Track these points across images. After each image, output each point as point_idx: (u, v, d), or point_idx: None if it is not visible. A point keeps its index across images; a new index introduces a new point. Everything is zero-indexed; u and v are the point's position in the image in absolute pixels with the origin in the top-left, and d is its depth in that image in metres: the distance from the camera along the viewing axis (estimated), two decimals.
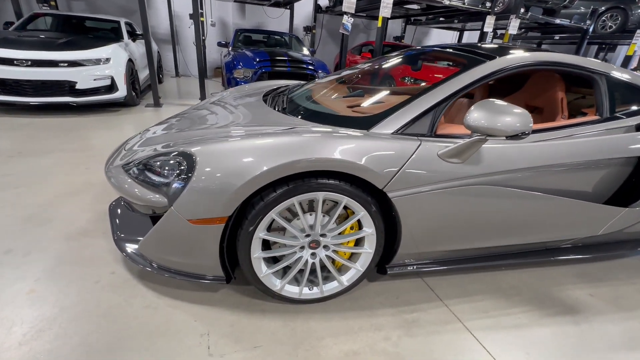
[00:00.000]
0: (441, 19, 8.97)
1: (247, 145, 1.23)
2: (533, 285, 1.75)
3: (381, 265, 1.55)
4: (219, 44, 6.22)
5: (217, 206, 1.20)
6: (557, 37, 8.70)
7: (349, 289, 1.50)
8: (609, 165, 1.62)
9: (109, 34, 5.34)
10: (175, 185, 1.24)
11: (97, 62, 4.24)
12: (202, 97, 5.29)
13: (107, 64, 4.29)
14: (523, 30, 9.42)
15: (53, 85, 4.00)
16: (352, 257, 1.49)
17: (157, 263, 1.41)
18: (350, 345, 1.30)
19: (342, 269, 1.49)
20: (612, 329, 1.50)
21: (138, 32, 5.74)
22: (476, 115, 1.22)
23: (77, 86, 4.09)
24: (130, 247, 1.49)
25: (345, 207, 1.36)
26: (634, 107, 1.73)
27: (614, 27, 7.70)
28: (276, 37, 6.62)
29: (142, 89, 5.53)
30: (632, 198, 1.67)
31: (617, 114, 1.69)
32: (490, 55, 1.62)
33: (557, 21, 7.14)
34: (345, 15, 5.36)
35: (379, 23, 5.60)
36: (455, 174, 1.35)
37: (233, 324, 1.35)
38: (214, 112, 1.92)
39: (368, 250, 1.42)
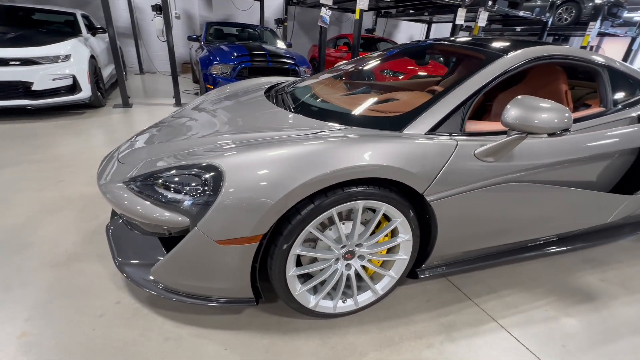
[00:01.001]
0: (411, 11, 9.08)
1: (279, 155, 1.11)
2: (549, 275, 1.79)
3: (411, 270, 1.50)
4: (190, 38, 5.85)
5: (249, 224, 1.07)
6: (518, 29, 9.13)
7: (383, 298, 1.44)
8: (614, 156, 1.68)
9: (64, 27, 4.81)
10: (199, 202, 1.10)
11: (54, 59, 3.79)
12: (176, 95, 4.95)
13: (67, 62, 3.85)
14: (487, 22, 9.80)
15: (4, 86, 3.53)
16: (385, 264, 1.42)
17: (174, 289, 1.25)
18: (395, 357, 1.24)
19: (374, 278, 1.42)
20: (630, 312, 1.57)
21: (98, 26, 5.23)
22: (514, 112, 1.18)
23: (34, 87, 3.64)
24: (138, 272, 1.32)
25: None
26: (634, 98, 1.80)
27: (569, 19, 8.21)
28: (250, 30, 6.34)
29: (106, 88, 5.07)
30: (636, 186, 1.74)
31: (620, 106, 1.75)
32: (505, 49, 1.60)
33: (521, 13, 7.48)
34: (323, 8, 5.24)
35: (357, 15, 5.52)
36: (489, 173, 1.32)
37: (268, 348, 1.24)
38: (217, 114, 1.75)
39: (403, 257, 1.36)
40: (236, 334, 1.29)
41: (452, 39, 2.07)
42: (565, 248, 1.76)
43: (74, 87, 3.97)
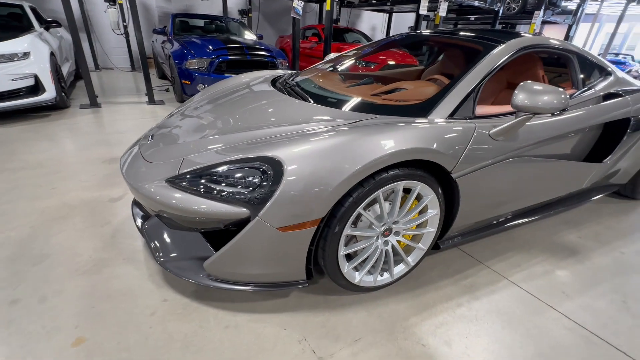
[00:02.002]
0: (373, 1, 9.29)
1: (334, 144, 1.20)
2: (539, 237, 2.07)
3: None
4: (155, 31, 5.54)
5: (309, 210, 1.16)
6: (472, 17, 9.73)
7: (413, 269, 1.59)
8: (585, 130, 1.97)
9: (11, 21, 4.35)
10: (260, 193, 1.16)
11: (11, 57, 3.45)
12: (149, 92, 4.71)
13: (26, 60, 3.52)
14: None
15: None
16: (414, 238, 1.57)
17: (228, 279, 1.31)
18: (434, 318, 1.41)
19: (406, 251, 1.57)
20: (606, 260, 1.88)
21: (49, 19, 4.77)
22: (522, 96, 1.37)
23: None
24: (184, 267, 1.35)
25: (406, 192, 1.42)
26: (597, 80, 2.11)
27: (516, 8, 8.92)
28: (217, 22, 6.13)
29: (67, 88, 4.69)
30: (603, 155, 2.06)
31: (587, 87, 2.05)
32: (498, 39, 1.79)
33: (476, 3, 7.99)
34: None
35: (327, 6, 5.59)
36: (500, 150, 1.51)
37: (323, 323, 1.35)
38: (233, 108, 1.77)
39: (431, 230, 1.52)
40: (290, 315, 1.37)
41: (443, 30, 2.25)
42: (551, 212, 2.04)
43: (37, 88, 3.65)
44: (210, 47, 4.54)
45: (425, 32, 2.31)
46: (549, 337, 1.36)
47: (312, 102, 1.69)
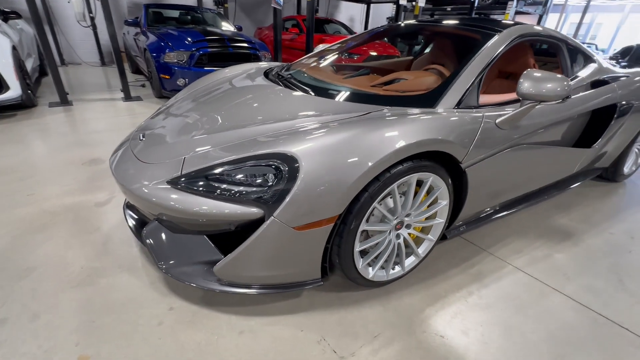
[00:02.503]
0: None
1: (349, 137, 1.15)
2: (533, 222, 2.13)
3: None
4: (127, 23, 5.22)
5: (327, 207, 1.12)
6: (449, 8, 9.87)
7: (423, 260, 1.59)
8: (575, 117, 2.03)
9: None
10: (275, 192, 1.10)
11: None
12: (125, 88, 4.45)
13: None
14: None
15: None
16: (424, 229, 1.56)
17: (239, 283, 1.25)
18: (448, 308, 1.41)
19: (416, 243, 1.56)
20: (597, 241, 1.97)
21: (6, 10, 4.38)
22: (527, 84, 1.38)
23: None
24: (191, 273, 1.28)
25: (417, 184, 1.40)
26: (584, 68, 2.17)
27: None
28: (194, 13, 5.86)
29: (32, 84, 4.34)
30: (591, 141, 2.14)
31: (576, 75, 2.10)
32: (494, 28, 1.80)
33: None
34: None
35: None
36: (505, 139, 1.52)
37: (339, 322, 1.32)
38: (230, 102, 1.68)
39: (440, 221, 1.51)
40: (305, 315, 1.34)
41: (437, 19, 2.23)
42: (545, 197, 2.10)
43: (0, 86, 3.35)
44: (189, 39, 4.33)
45: (415, 22, 2.29)
46: (558, 319, 1.40)
47: (313, 94, 1.63)
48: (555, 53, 2.12)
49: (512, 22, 1.94)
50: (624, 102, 2.15)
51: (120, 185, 1.39)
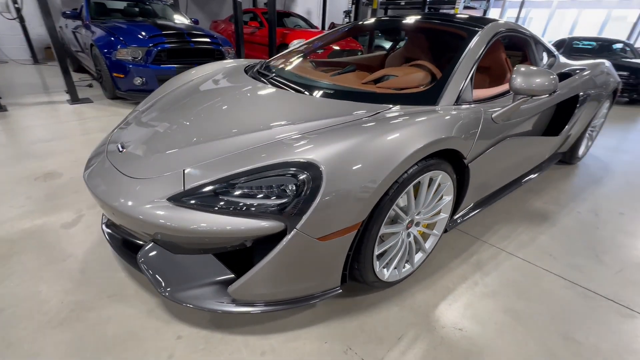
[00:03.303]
0: None
1: (366, 140, 1.11)
2: (513, 208, 2.27)
3: None
4: (66, 15, 4.64)
5: (350, 214, 1.08)
6: (402, 2, 10.16)
7: (428, 255, 1.61)
8: (544, 108, 2.18)
9: None
10: (296, 203, 1.02)
11: None
12: (70, 89, 3.96)
13: None
14: None
15: None
16: (429, 225, 1.59)
17: (255, 301, 1.16)
18: (459, 300, 1.45)
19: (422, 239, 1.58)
20: (570, 220, 2.15)
21: None
22: (519, 80, 1.44)
23: None
24: (199, 296, 1.17)
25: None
26: (548, 62, 2.34)
27: None
28: (144, 4, 5.36)
29: None
30: (558, 129, 2.32)
31: (543, 66, 2.26)
32: (476, 24, 1.85)
33: None
34: None
35: None
36: (499, 132, 1.59)
37: (361, 328, 1.29)
38: (218, 106, 1.54)
39: (444, 216, 1.54)
40: (325, 326, 1.29)
41: (423, 15, 2.26)
42: (522, 183, 2.25)
43: None
44: (143, 33, 3.96)
45: (397, 17, 2.30)
46: (555, 299, 1.51)
47: (311, 94, 1.56)
48: (524, 48, 2.26)
49: (489, 18, 2.02)
50: (582, 93, 2.36)
51: (103, 204, 1.22)
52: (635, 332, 1.37)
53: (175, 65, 3.99)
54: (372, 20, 2.40)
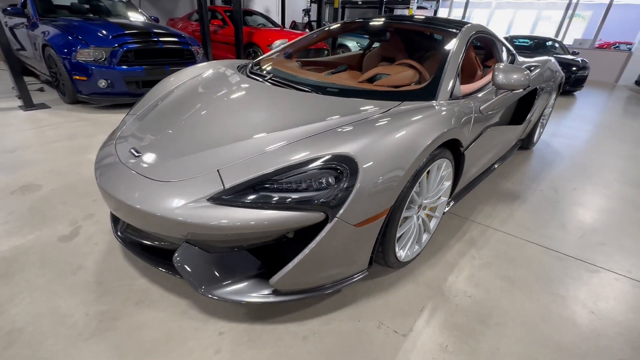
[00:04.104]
0: None
1: (390, 132, 1.23)
2: (489, 189, 2.55)
3: None
4: (8, 12, 4.17)
5: (385, 200, 1.20)
6: (360, 2, 10.49)
7: (432, 236, 1.79)
8: (514, 100, 2.48)
9: None
10: (337, 193, 1.11)
11: None
12: (23, 94, 3.60)
13: None
14: None
15: None
16: (432, 209, 1.75)
17: (295, 290, 1.24)
18: (463, 272, 1.64)
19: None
20: (536, 196, 2.48)
21: None
22: (501, 76, 1.66)
23: None
24: (242, 290, 1.22)
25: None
26: (509, 60, 2.65)
27: None
28: (97, 2, 4.98)
29: None
30: (522, 118, 2.64)
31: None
32: (456, 26, 2.06)
33: None
34: None
35: None
36: (484, 123, 1.80)
37: (386, 305, 1.42)
38: (249, 106, 1.57)
39: (444, 199, 1.72)
40: (355, 307, 1.40)
41: (405, 16, 2.43)
42: (494, 167, 2.53)
43: None
44: (105, 32, 3.72)
45: (380, 18, 2.45)
46: (537, 263, 1.76)
47: (321, 94, 1.64)
48: (490, 48, 2.53)
49: (462, 21, 2.24)
50: (538, 86, 2.70)
51: (129, 211, 1.21)
52: (601, 283, 1.66)
53: (142, 66, 3.81)
54: (359, 20, 2.53)
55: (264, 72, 2.03)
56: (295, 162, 1.15)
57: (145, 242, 1.42)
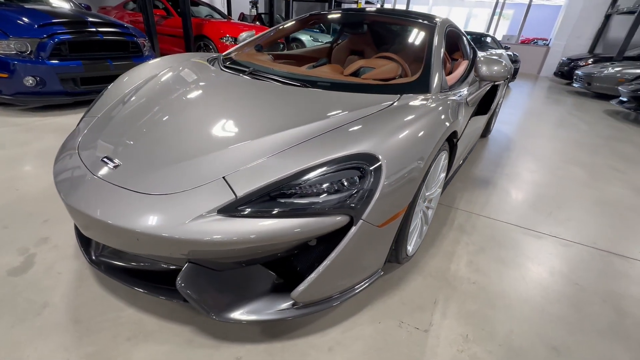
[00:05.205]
0: None
1: (404, 127, 1.20)
2: (465, 176, 2.68)
3: None
4: None
5: (405, 198, 1.17)
6: None
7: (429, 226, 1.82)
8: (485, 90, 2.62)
9: None
10: (362, 194, 1.05)
11: None
12: None
13: None
14: None
15: None
16: (429, 200, 1.77)
17: (315, 300, 1.16)
18: (462, 260, 1.69)
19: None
20: (503, 182, 2.67)
21: None
22: (485, 68, 1.72)
23: None
24: (259, 309, 1.11)
25: None
26: (473, 55, 2.79)
27: None
28: None
29: None
30: (487, 108, 2.81)
31: (469, 57, 2.69)
32: (430, 19, 2.10)
33: None
34: None
35: None
36: (468, 113, 1.86)
37: (402, 302, 1.40)
38: (244, 102, 1.43)
39: (439, 191, 1.76)
40: (372, 308, 1.36)
41: (380, 9, 2.41)
42: (467, 155, 2.68)
43: None
44: (27, 20, 3.16)
45: (350, 9, 2.41)
46: (519, 242, 1.89)
47: (320, 89, 1.55)
48: (457, 42, 2.64)
49: (432, 15, 2.30)
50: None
51: (117, 234, 1.02)
52: (576, 256, 1.83)
53: (81, 61, 3.32)
54: (333, 11, 2.46)
55: (243, 66, 1.87)
56: (313, 165, 1.06)
57: (129, 265, 1.22)
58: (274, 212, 1.00)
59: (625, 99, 5.41)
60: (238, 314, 1.08)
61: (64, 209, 1.81)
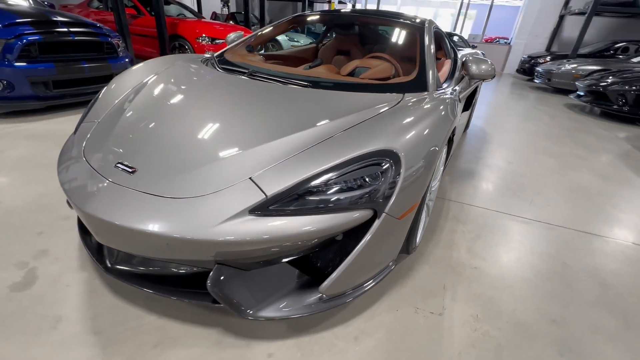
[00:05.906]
0: None
1: (417, 122, 1.27)
2: (452, 170, 2.83)
3: None
4: None
5: (421, 189, 1.23)
6: None
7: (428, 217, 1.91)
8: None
9: None
10: (385, 188, 1.10)
11: None
12: None
13: None
14: None
15: None
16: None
17: (340, 293, 1.20)
18: (462, 247, 1.81)
19: None
20: (488, 173, 2.84)
21: None
22: (474, 67, 1.84)
23: None
24: (289, 305, 1.14)
25: None
26: (455, 55, 2.95)
27: None
28: None
29: None
30: (469, 104, 2.98)
31: (452, 56, 2.84)
32: (419, 20, 2.20)
33: None
34: None
35: None
36: (459, 110, 1.98)
37: (414, 289, 1.48)
38: (255, 104, 1.43)
39: (437, 184, 1.86)
40: (388, 298, 1.42)
41: (369, 10, 2.48)
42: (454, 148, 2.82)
43: None
44: None
45: (353, 11, 2.47)
46: (510, 228, 2.04)
47: (329, 89, 1.59)
48: (440, 42, 2.77)
49: (418, 16, 2.41)
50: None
51: (153, 237, 1.01)
52: (560, 238, 2.00)
53: (53, 63, 3.13)
54: (321, 12, 2.50)
55: (241, 67, 1.86)
56: (335, 164, 1.10)
57: (150, 271, 1.21)
58: (303, 209, 1.03)
59: (582, 93, 5.89)
60: (270, 312, 1.10)
61: (57, 220, 1.73)
